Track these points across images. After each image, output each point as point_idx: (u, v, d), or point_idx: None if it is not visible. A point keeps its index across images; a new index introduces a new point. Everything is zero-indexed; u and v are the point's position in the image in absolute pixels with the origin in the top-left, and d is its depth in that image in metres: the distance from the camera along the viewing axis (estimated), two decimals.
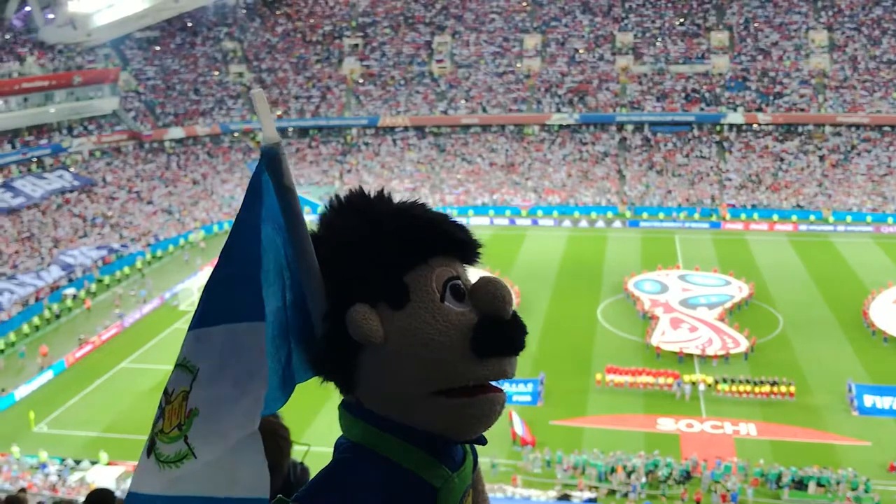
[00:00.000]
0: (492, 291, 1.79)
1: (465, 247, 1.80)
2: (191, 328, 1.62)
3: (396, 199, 1.95)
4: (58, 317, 46.11)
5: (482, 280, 1.82)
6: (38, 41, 65.13)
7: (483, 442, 1.85)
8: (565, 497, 27.70)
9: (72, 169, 62.66)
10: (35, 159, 61.32)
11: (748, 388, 34.99)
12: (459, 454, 1.84)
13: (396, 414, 1.70)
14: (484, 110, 72.68)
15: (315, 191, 68.36)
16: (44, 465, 31.37)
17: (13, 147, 60.17)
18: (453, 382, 1.70)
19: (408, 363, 1.67)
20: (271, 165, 1.66)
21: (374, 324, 1.65)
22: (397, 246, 1.71)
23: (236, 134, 73.36)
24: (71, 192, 59.75)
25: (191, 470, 1.50)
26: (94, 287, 49.74)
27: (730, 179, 65.45)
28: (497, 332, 1.74)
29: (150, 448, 1.60)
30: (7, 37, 64.16)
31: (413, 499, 1.68)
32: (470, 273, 1.93)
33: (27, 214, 55.18)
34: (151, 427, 1.62)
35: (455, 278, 1.80)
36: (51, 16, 66.37)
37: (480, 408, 1.76)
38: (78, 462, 31.10)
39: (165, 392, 1.61)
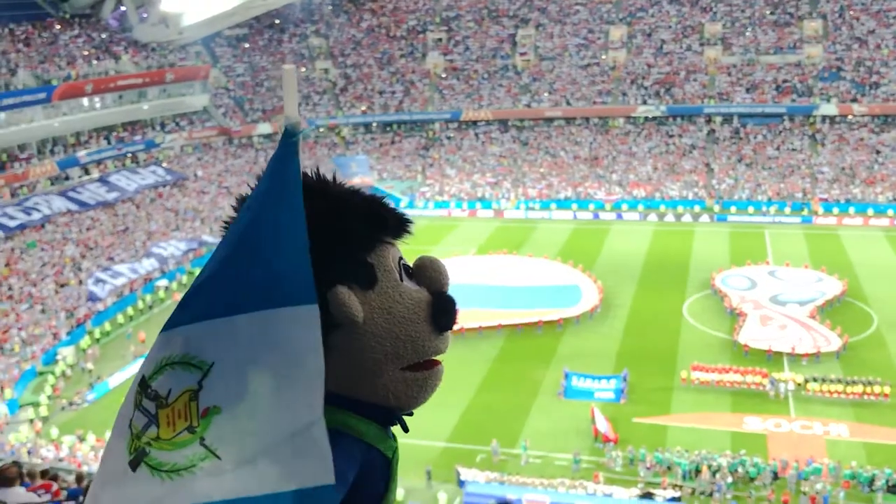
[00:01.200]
0: (439, 270, 1.86)
1: (405, 226, 1.82)
2: (188, 322, 1.48)
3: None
4: (150, 307, 47.74)
5: (426, 259, 1.89)
6: (132, 40, 67.37)
7: (411, 414, 1.93)
8: (648, 495, 27.44)
9: (164, 164, 64.73)
10: (129, 154, 63.55)
11: (840, 387, 33.97)
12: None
13: (365, 392, 1.72)
14: (568, 103, 72.12)
15: (398, 185, 69.09)
16: None
17: (108, 143, 62.45)
18: (421, 357, 1.78)
19: (384, 341, 1.71)
20: (295, 146, 1.59)
21: (356, 303, 1.66)
22: (360, 227, 1.72)
23: (322, 129, 74.55)
24: (163, 186, 61.73)
25: (214, 473, 1.40)
26: (185, 279, 51.31)
27: (822, 172, 63.44)
28: (451, 308, 1.81)
29: (137, 460, 1.46)
30: (104, 36, 66.55)
31: (376, 471, 1.72)
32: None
33: (122, 208, 57.23)
34: (130, 438, 1.48)
35: (401, 258, 1.87)
36: (144, 15, 68.57)
37: (436, 379, 1.86)
38: None
39: (154, 396, 1.47)
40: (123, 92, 63.69)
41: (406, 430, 1.89)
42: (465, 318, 42.17)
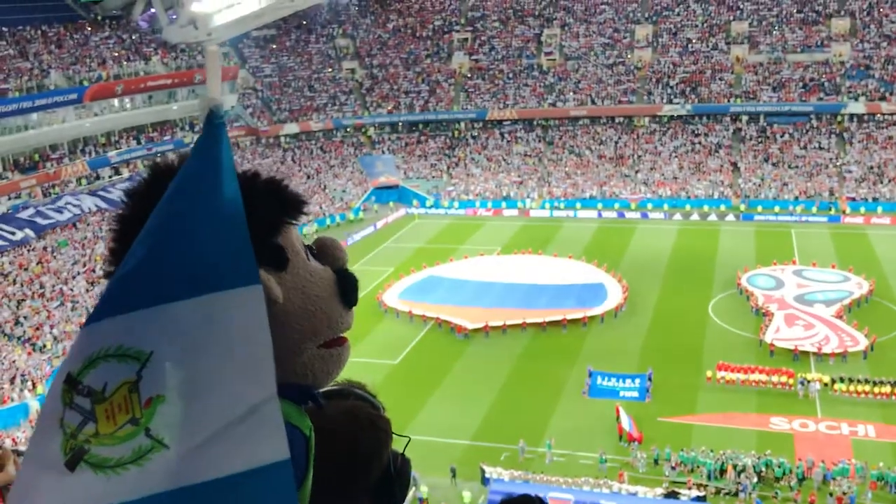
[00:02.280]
0: (339, 248, 1.93)
1: (303, 206, 1.79)
2: (116, 313, 1.41)
3: None
4: None
5: (327, 239, 1.95)
6: (161, 41, 68.21)
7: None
8: (673, 494, 27.53)
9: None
10: (159, 154, 64.35)
11: (867, 388, 33.85)
12: None
13: (285, 372, 1.66)
14: (593, 102, 72.10)
15: (424, 184, 69.42)
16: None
17: (138, 143, 63.33)
18: (336, 332, 1.83)
19: (301, 319, 1.74)
20: (223, 127, 1.54)
21: (275, 285, 1.65)
22: (267, 210, 1.68)
23: (348, 129, 75.05)
24: None
25: (164, 462, 1.35)
26: None
27: (850, 171, 62.99)
28: (356, 284, 1.89)
29: (75, 460, 1.38)
30: (134, 38, 67.46)
31: (300, 449, 1.69)
32: None
33: None
34: (64, 438, 1.40)
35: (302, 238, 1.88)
36: (174, 16, 69.38)
37: (347, 354, 1.89)
38: None
39: (88, 392, 1.40)
40: (153, 92, 64.58)
41: (320, 405, 1.86)
42: (491, 316, 42.47)
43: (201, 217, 1.43)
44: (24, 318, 42.99)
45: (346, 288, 1.85)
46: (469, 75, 77.19)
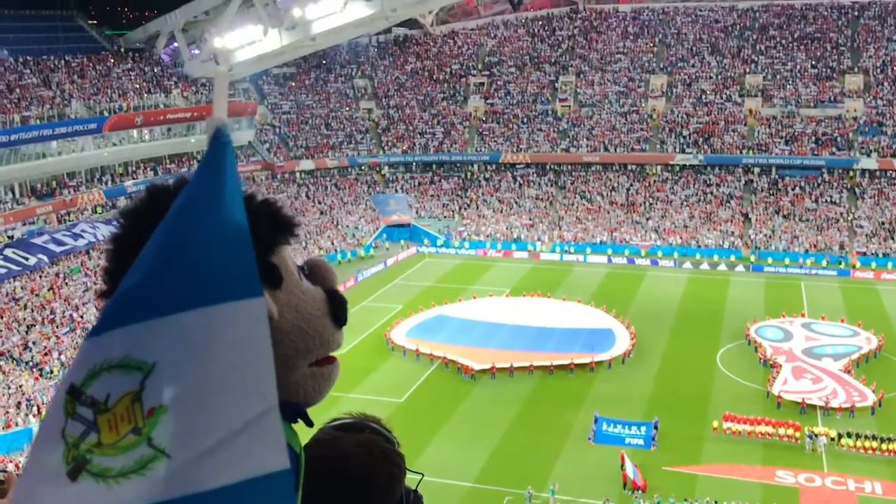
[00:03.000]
0: (329, 269, 1.97)
1: (295, 228, 1.83)
2: (122, 324, 1.41)
3: None
4: None
5: (317, 259, 1.98)
6: (182, 75, 69.32)
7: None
8: None
9: None
10: None
11: (874, 444, 33.62)
12: None
13: (278, 390, 1.62)
14: (606, 149, 72.64)
15: (435, 224, 69.81)
16: None
17: (155, 174, 64.04)
18: (327, 350, 1.85)
19: (295, 337, 1.76)
20: (229, 145, 1.54)
21: (272, 302, 1.67)
22: (262, 229, 1.70)
23: (363, 167, 75.75)
24: None
25: (166, 471, 1.36)
26: None
27: (861, 226, 63.08)
28: (345, 303, 1.92)
29: (77, 470, 1.39)
30: (156, 70, 68.57)
31: (293, 466, 1.68)
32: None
33: None
34: (66, 448, 1.40)
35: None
36: (196, 51, 70.58)
37: (336, 372, 1.91)
38: None
39: (91, 402, 1.40)
40: (172, 125, 65.43)
41: (310, 424, 1.89)
42: (498, 357, 42.46)
43: (206, 230, 1.44)
44: (33, 343, 43.23)
45: (337, 307, 1.88)
46: (484, 118, 77.97)
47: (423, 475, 2.22)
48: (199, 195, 1.48)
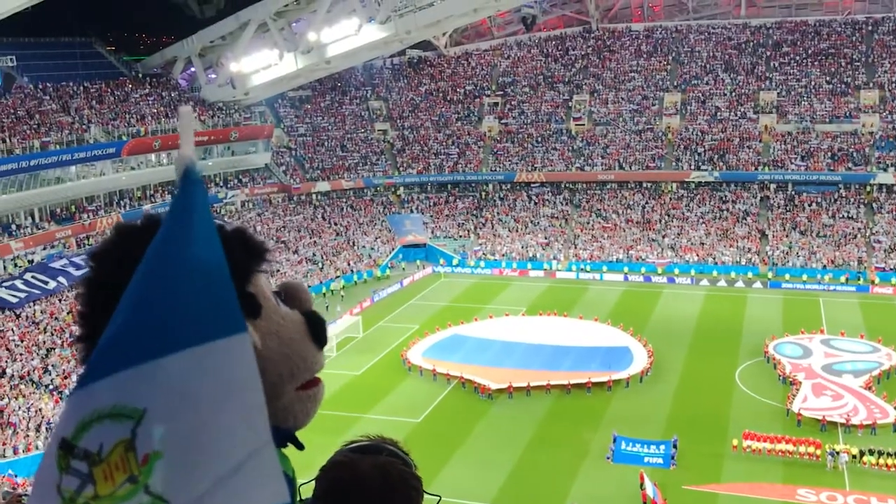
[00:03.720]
0: (304, 290, 1.98)
1: (267, 254, 1.82)
2: (108, 374, 1.39)
3: None
4: None
5: (292, 282, 1.99)
6: (199, 99, 70.03)
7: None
8: None
9: (226, 218, 66.51)
10: None
11: None
12: None
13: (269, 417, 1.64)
14: (620, 167, 72.68)
15: (451, 244, 69.96)
16: None
17: (173, 197, 64.39)
18: (312, 373, 1.85)
19: (279, 364, 1.76)
20: (201, 183, 1.51)
21: (252, 332, 1.66)
22: (238, 259, 1.68)
23: (379, 188, 76.10)
24: None
25: None
26: None
27: (879, 242, 62.69)
28: (323, 324, 1.93)
29: None
30: (173, 95, 69.34)
31: (290, 490, 1.72)
32: None
33: None
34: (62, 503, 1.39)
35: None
36: (213, 76, 71.36)
37: (322, 394, 1.91)
38: None
39: (84, 455, 1.39)
40: None
41: (301, 447, 1.89)
42: (514, 377, 42.40)
43: (184, 269, 1.41)
44: (53, 366, 43.55)
45: (317, 329, 1.88)
46: (498, 138, 78.23)
47: (440, 497, 2.20)
48: (173, 236, 1.45)
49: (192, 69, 72.04)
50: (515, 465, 34.52)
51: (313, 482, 1.93)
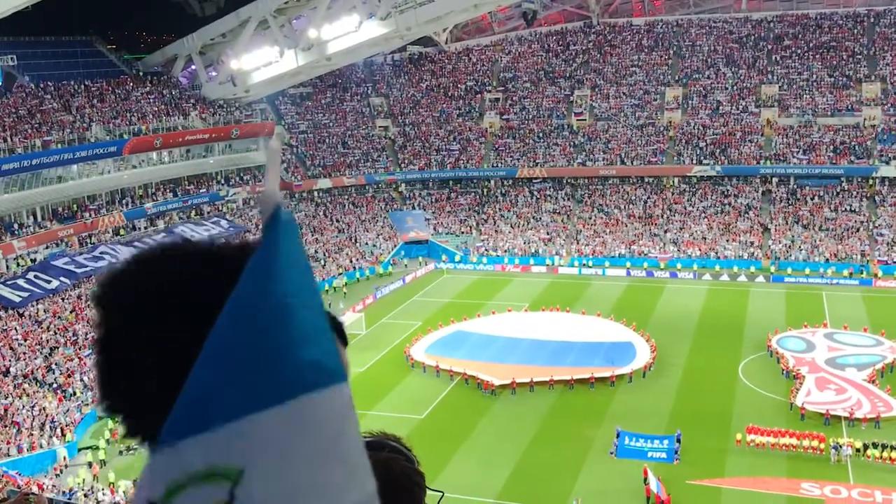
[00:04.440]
0: None
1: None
2: (197, 431, 1.28)
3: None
4: None
5: None
6: (200, 97, 70.01)
7: None
8: None
9: (227, 216, 66.57)
10: (194, 207, 65.59)
11: None
12: None
13: None
14: (622, 162, 72.58)
15: (453, 240, 69.92)
16: None
17: (174, 195, 64.59)
18: (347, 369, 1.81)
19: None
20: (293, 224, 1.37)
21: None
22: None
23: (380, 185, 76.06)
24: (225, 238, 63.27)
25: None
26: None
27: (882, 235, 62.59)
28: (342, 324, 1.85)
29: None
30: (174, 93, 69.31)
31: None
32: None
33: None
34: None
35: None
36: (213, 73, 71.31)
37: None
38: None
39: None
40: (191, 147, 66.05)
41: None
42: (518, 373, 42.40)
43: (280, 317, 1.31)
44: (56, 365, 43.60)
45: (337, 327, 1.79)
46: (499, 134, 78.15)
47: (443, 493, 2.15)
48: (262, 278, 1.32)
49: (193, 67, 71.99)
50: (519, 461, 34.54)
51: None
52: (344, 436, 1.32)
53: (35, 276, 50.18)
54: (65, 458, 37.39)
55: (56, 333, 46.26)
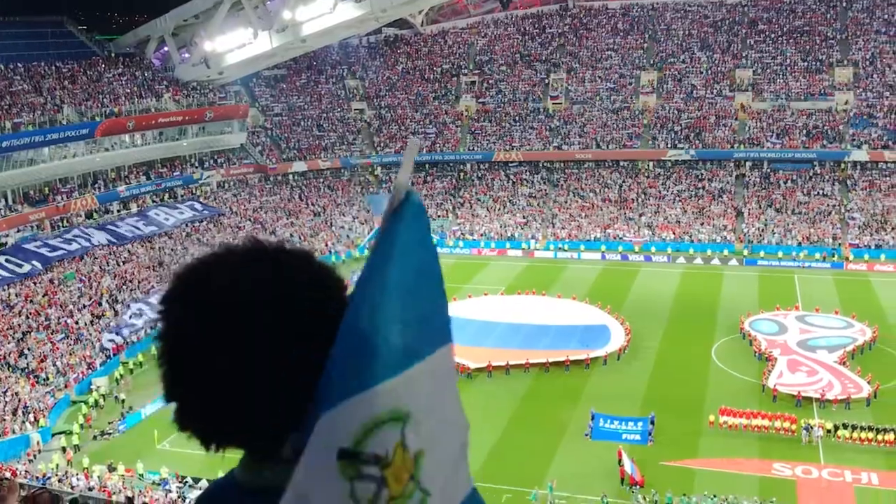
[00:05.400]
0: None
1: None
2: (388, 376, 1.46)
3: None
4: None
5: None
6: (173, 79, 69.22)
7: None
8: None
9: (201, 199, 66.06)
10: (168, 190, 65.00)
11: (870, 435, 33.79)
12: None
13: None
14: (598, 146, 72.76)
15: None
16: (165, 482, 33.08)
17: (148, 178, 63.97)
18: None
19: None
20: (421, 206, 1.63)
21: None
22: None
23: (356, 168, 75.75)
24: (200, 221, 62.95)
25: None
26: None
27: (853, 218, 63.32)
28: None
29: None
30: (146, 75, 68.46)
31: None
32: None
33: (159, 242, 58.46)
34: None
35: None
36: (186, 55, 70.49)
37: None
38: (197, 481, 32.54)
39: (375, 460, 1.45)
40: (164, 129, 65.36)
41: None
42: (493, 356, 42.54)
43: (430, 284, 1.59)
44: (29, 349, 43.18)
45: None
46: (476, 117, 78.03)
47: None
48: (410, 247, 1.59)
49: (166, 48, 71.10)
50: (495, 444, 34.70)
51: None
52: (454, 381, 1.60)
53: (6, 260, 49.56)
54: (38, 443, 37.11)
55: (28, 318, 45.77)
